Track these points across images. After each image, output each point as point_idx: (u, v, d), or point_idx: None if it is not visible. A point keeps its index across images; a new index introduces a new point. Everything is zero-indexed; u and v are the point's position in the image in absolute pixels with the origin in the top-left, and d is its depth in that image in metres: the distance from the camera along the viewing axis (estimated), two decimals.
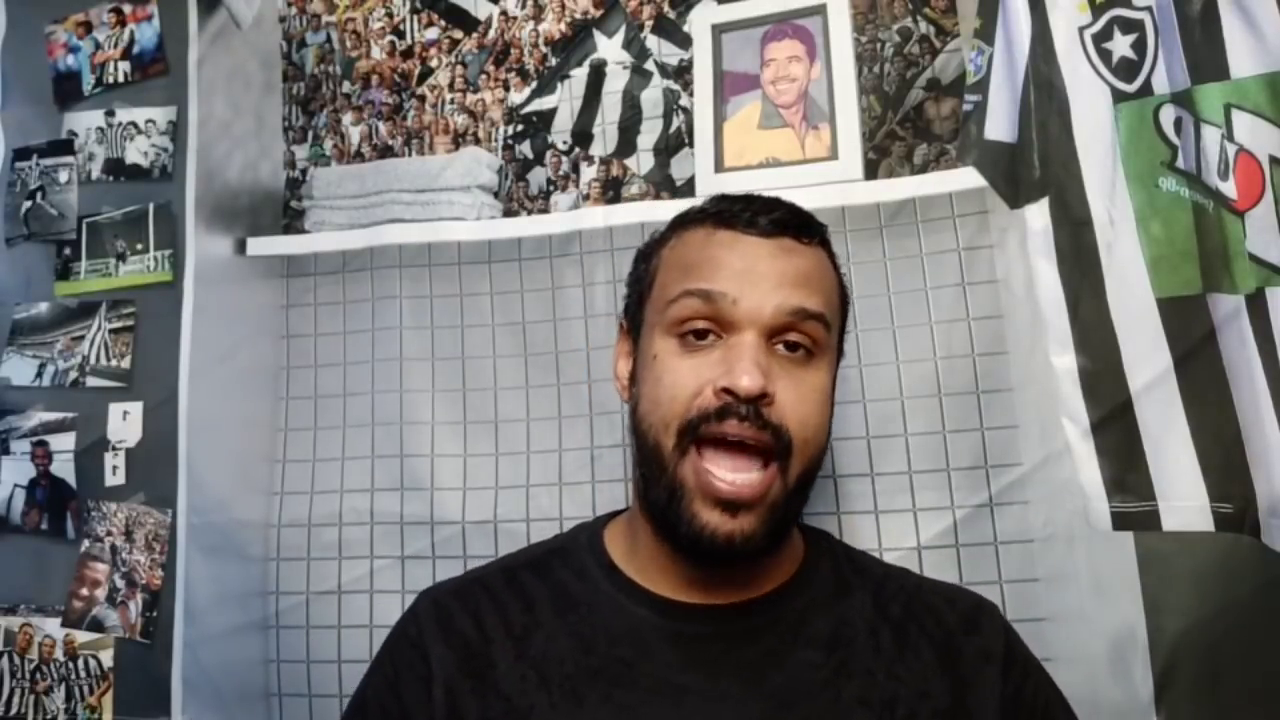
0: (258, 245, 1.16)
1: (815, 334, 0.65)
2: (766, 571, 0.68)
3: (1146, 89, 0.89)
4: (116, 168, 1.22)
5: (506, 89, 1.12)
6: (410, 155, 1.13)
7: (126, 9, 1.24)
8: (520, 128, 1.11)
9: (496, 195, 1.10)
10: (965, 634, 0.68)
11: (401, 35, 1.16)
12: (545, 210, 1.08)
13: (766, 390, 0.61)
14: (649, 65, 1.08)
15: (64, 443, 1.16)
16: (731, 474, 0.61)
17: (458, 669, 0.66)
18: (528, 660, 0.66)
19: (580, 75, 1.09)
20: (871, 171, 0.99)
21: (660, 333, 0.66)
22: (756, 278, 0.64)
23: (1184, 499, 0.84)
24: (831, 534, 0.79)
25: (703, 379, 0.62)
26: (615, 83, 1.08)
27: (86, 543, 1.14)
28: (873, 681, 0.64)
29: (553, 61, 1.11)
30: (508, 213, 1.09)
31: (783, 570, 0.69)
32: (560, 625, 0.67)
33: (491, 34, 1.13)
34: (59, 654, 1.12)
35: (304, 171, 1.17)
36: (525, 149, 1.10)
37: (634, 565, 0.69)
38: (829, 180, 0.98)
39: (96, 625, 1.11)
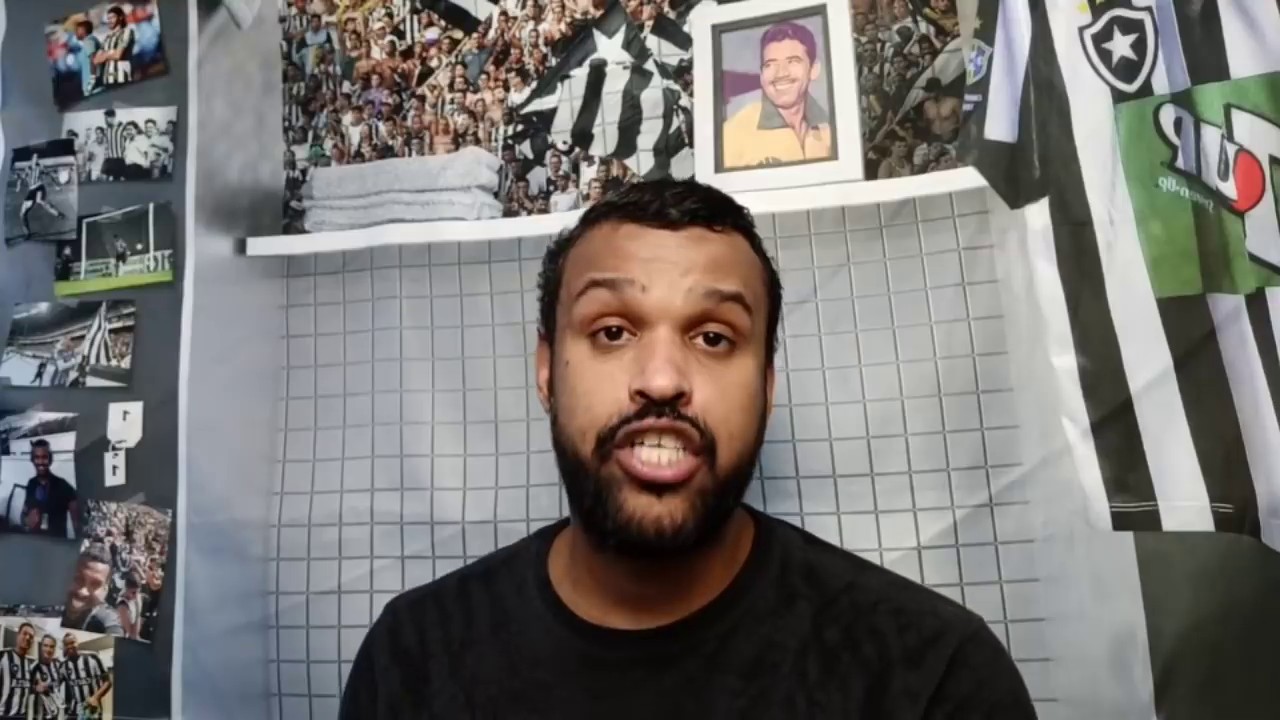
0: (258, 245, 1.16)
1: (736, 320, 0.61)
2: (700, 584, 0.64)
3: (1146, 89, 0.89)
4: (116, 168, 1.22)
5: (506, 89, 1.12)
6: (410, 155, 1.13)
7: (126, 9, 1.24)
8: (520, 128, 1.11)
9: (496, 195, 1.10)
10: (905, 667, 0.60)
11: (401, 35, 1.16)
12: (545, 210, 1.08)
13: (682, 389, 0.57)
14: (649, 65, 1.08)
15: (64, 443, 1.16)
16: (655, 455, 0.57)
17: (401, 684, 0.68)
18: (459, 679, 0.66)
19: (580, 75, 1.09)
20: (871, 171, 0.98)
21: (571, 336, 0.63)
22: (665, 266, 0.61)
23: (1184, 499, 0.84)
24: (800, 532, 0.72)
25: (617, 384, 0.59)
26: (615, 83, 1.08)
27: (86, 543, 1.14)
28: (793, 711, 0.59)
29: (553, 61, 1.11)
30: (508, 213, 1.09)
31: (718, 582, 0.65)
32: (493, 643, 0.67)
33: (491, 34, 1.13)
34: (59, 654, 1.12)
35: (304, 171, 1.17)
36: (525, 149, 1.10)
37: (569, 581, 0.67)
38: (829, 180, 0.98)
39: (96, 625, 1.11)
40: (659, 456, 0.58)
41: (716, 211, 0.65)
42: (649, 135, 1.07)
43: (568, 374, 0.62)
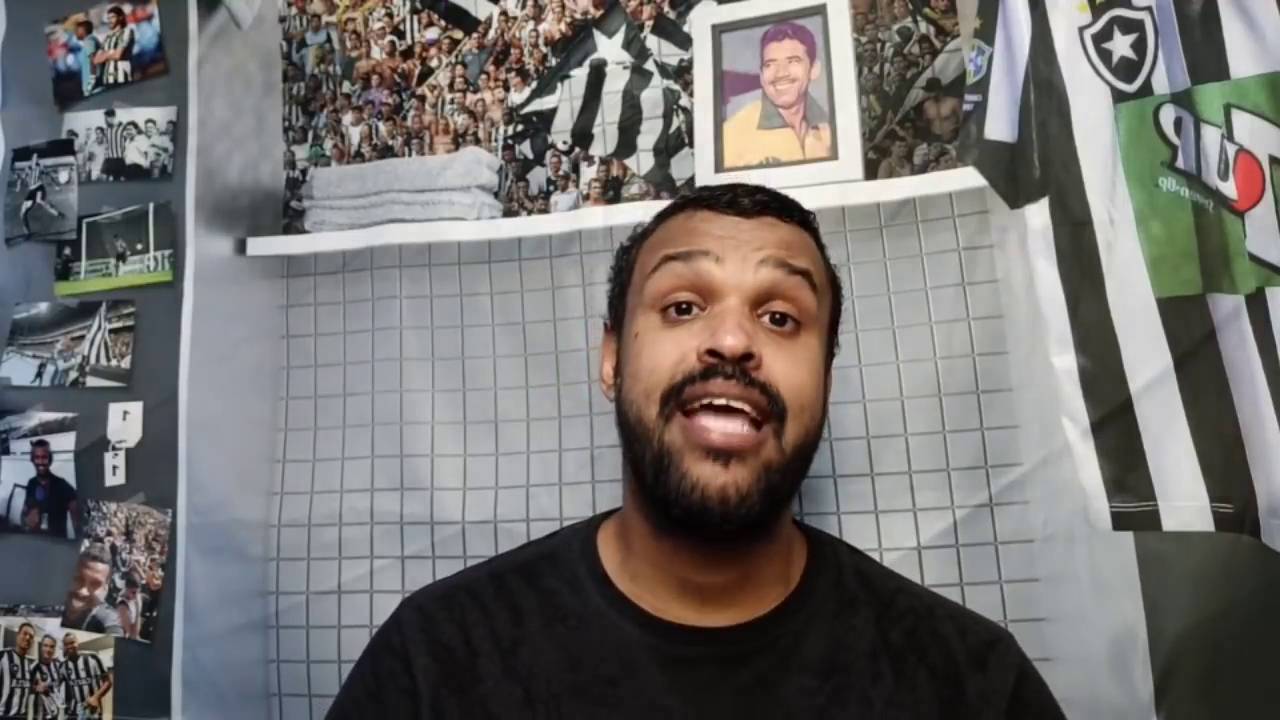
0: (258, 245, 1.16)
1: (803, 297, 0.63)
2: (761, 583, 0.65)
3: (1146, 89, 0.89)
4: (116, 168, 1.22)
5: (506, 89, 1.12)
6: (410, 155, 1.13)
7: (126, 9, 1.24)
8: (520, 128, 1.11)
9: (496, 195, 1.10)
10: (971, 670, 0.64)
11: (401, 35, 1.16)
12: (545, 210, 1.08)
13: (752, 350, 0.58)
14: (649, 65, 1.08)
15: (64, 443, 1.16)
16: (723, 424, 0.58)
17: (442, 682, 0.64)
18: (514, 676, 0.64)
19: (580, 75, 1.09)
20: (871, 171, 0.98)
21: (642, 312, 0.64)
22: (738, 243, 0.63)
23: (1184, 499, 0.84)
24: (843, 542, 0.75)
25: (685, 348, 0.60)
26: (615, 83, 1.08)
27: (86, 543, 1.14)
28: (869, 710, 0.61)
29: (553, 61, 1.11)
30: (508, 213, 1.09)
31: (779, 586, 0.66)
32: (549, 637, 0.65)
33: (491, 34, 1.13)
34: (59, 654, 1.12)
35: (304, 171, 1.17)
36: (525, 149, 1.10)
37: (626, 574, 0.67)
38: (829, 180, 0.98)
39: (96, 625, 1.11)
40: (728, 424, 0.58)
41: (786, 207, 0.68)
42: (649, 135, 1.07)
43: (635, 344, 0.63)
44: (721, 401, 0.58)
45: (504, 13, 1.13)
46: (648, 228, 0.72)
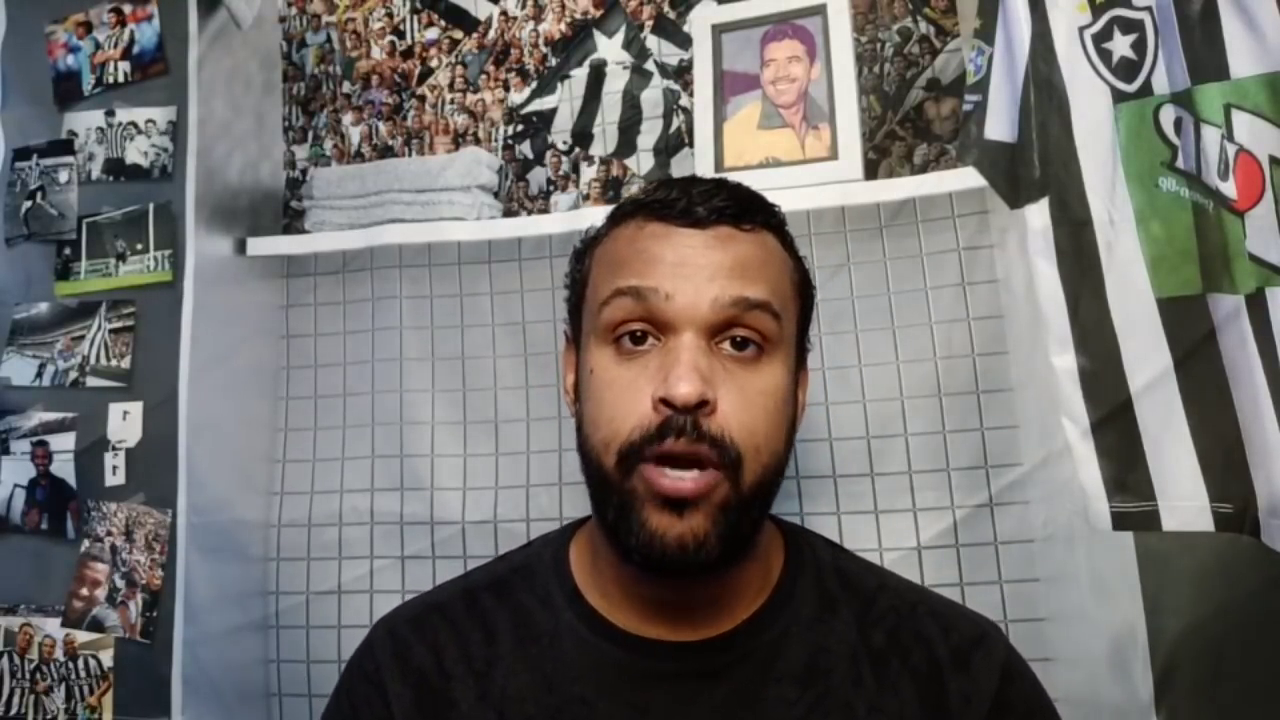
0: (258, 245, 1.16)
1: (763, 326, 0.59)
2: (737, 596, 0.63)
3: (1146, 89, 0.89)
4: (116, 168, 1.22)
5: (506, 89, 1.12)
6: (410, 155, 1.13)
7: (126, 9, 1.24)
8: (520, 128, 1.11)
9: (496, 195, 1.10)
10: (954, 670, 0.62)
11: (401, 35, 1.16)
12: (545, 210, 1.08)
13: (706, 397, 0.56)
14: (649, 65, 1.08)
15: (64, 443, 1.16)
16: (675, 473, 0.57)
17: (416, 708, 0.63)
18: (488, 700, 0.63)
19: (580, 75, 1.09)
20: (871, 171, 0.98)
21: (596, 342, 0.61)
22: (691, 270, 0.59)
23: (1184, 499, 0.84)
24: (822, 537, 0.73)
25: (641, 394, 0.58)
26: (615, 83, 1.08)
27: (86, 543, 1.14)
28: (852, 717, 0.60)
29: (553, 61, 1.11)
30: (508, 213, 1.09)
31: (756, 594, 0.64)
32: (522, 658, 0.64)
33: (491, 34, 1.13)
34: (59, 654, 1.12)
35: (304, 171, 1.17)
36: (525, 149, 1.10)
37: (597, 589, 0.65)
38: (829, 180, 0.98)
39: (96, 625, 1.11)
40: (680, 473, 0.57)
41: (745, 210, 0.63)
42: (649, 135, 1.07)
43: (592, 382, 0.61)
44: (675, 454, 0.57)
45: (504, 13, 1.13)
46: (599, 232, 0.68)
